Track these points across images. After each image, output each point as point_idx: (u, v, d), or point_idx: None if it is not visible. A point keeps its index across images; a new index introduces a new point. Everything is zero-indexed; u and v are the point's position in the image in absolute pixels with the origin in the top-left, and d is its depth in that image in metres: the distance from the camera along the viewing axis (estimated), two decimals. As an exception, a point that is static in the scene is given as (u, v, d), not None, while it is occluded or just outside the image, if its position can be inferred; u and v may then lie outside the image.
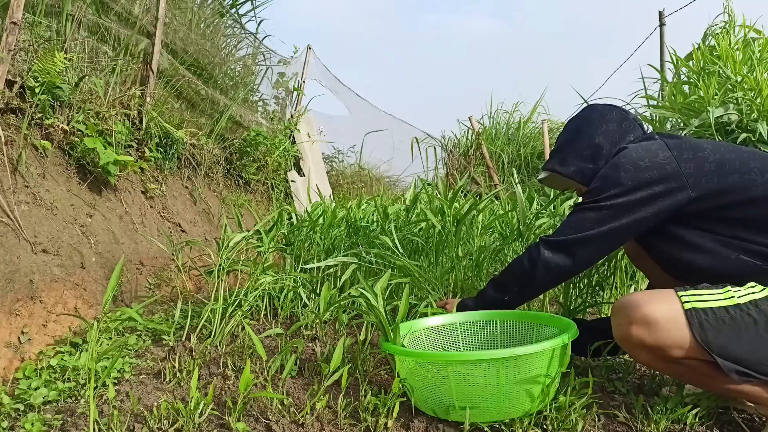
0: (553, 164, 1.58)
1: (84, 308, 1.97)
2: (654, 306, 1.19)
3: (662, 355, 1.20)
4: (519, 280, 1.49)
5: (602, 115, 1.54)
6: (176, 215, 3.03)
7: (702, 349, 1.16)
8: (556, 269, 1.40)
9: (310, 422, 1.29)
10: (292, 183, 4.88)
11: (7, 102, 2.03)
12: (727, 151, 1.30)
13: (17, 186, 1.91)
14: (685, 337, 1.16)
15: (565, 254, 1.39)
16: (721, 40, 3.57)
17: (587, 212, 1.37)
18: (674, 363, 1.22)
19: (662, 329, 1.17)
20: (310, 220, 2.66)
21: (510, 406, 1.24)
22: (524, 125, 8.05)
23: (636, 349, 1.23)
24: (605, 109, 1.57)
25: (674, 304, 1.19)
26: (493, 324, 1.63)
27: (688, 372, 1.23)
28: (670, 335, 1.17)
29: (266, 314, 2.27)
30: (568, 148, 1.56)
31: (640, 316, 1.19)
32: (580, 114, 1.62)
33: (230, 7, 4.94)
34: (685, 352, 1.18)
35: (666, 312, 1.18)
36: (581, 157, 1.51)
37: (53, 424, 1.28)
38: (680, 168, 1.28)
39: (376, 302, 1.44)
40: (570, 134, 1.59)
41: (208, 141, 3.70)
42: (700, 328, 1.15)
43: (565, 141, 1.59)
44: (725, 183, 1.25)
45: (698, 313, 1.16)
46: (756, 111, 3.09)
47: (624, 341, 1.25)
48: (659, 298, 1.22)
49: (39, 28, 2.45)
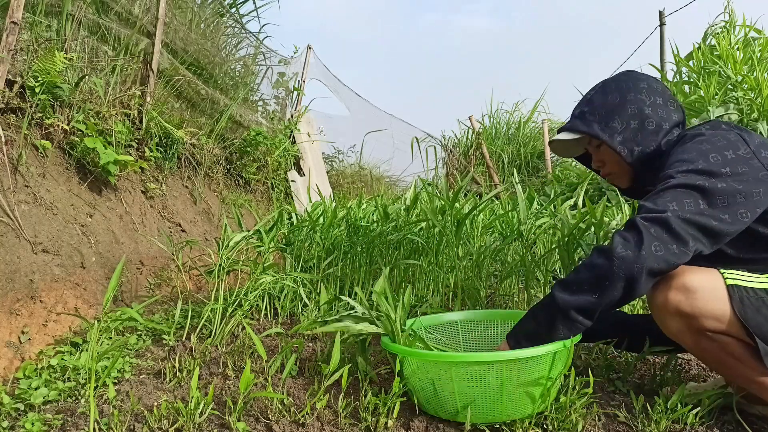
0: (590, 127, 1.37)
1: (84, 308, 1.97)
2: (696, 275, 1.18)
3: (695, 325, 1.17)
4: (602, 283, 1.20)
5: (650, 86, 1.37)
6: (176, 215, 3.03)
7: (740, 324, 1.14)
8: (663, 258, 1.13)
9: (310, 422, 1.29)
10: (293, 183, 4.88)
11: (7, 102, 2.03)
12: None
13: (17, 186, 1.91)
14: (723, 310, 1.15)
15: (670, 236, 1.14)
16: (722, 39, 3.58)
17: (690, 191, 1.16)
18: (705, 337, 1.18)
19: (701, 298, 1.15)
20: (311, 220, 2.66)
21: (513, 408, 1.24)
22: (524, 125, 8.06)
23: (670, 316, 1.19)
24: (651, 80, 1.40)
25: (716, 277, 1.18)
26: (493, 324, 1.63)
27: (717, 350, 1.19)
28: (707, 304, 1.15)
29: (266, 314, 2.27)
30: (611, 112, 1.36)
31: (681, 282, 1.17)
32: (621, 77, 1.41)
33: (230, 6, 4.93)
34: (721, 325, 1.15)
35: (707, 282, 1.17)
36: (628, 127, 1.34)
37: (53, 424, 1.28)
38: (763, 165, 1.19)
39: (393, 315, 1.42)
40: (611, 96, 1.38)
41: (209, 141, 3.70)
42: (740, 303, 1.14)
43: (606, 102, 1.38)
44: None
45: (740, 290, 1.15)
46: (756, 110, 3.09)
47: (660, 307, 1.20)
48: (701, 270, 1.20)
49: (39, 27, 2.45)
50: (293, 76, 5.67)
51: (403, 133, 7.29)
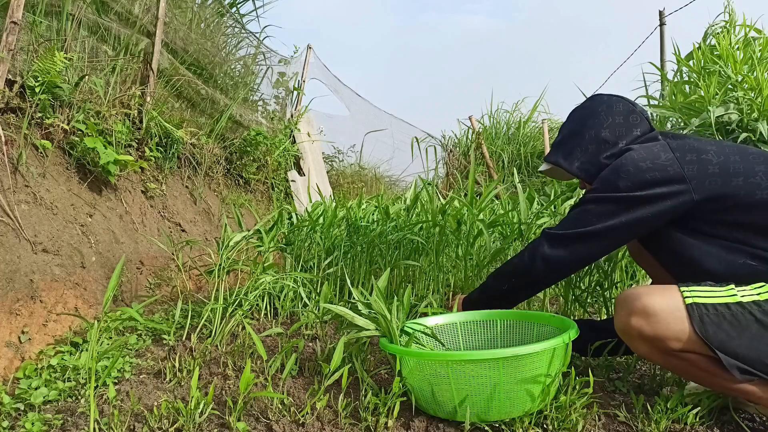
0: (556, 157, 1.53)
1: (84, 308, 1.97)
2: (654, 298, 1.20)
3: (661, 347, 1.20)
4: (518, 271, 1.48)
5: (609, 107, 1.48)
6: (176, 215, 3.03)
7: (702, 342, 1.15)
8: (554, 263, 1.40)
9: (310, 422, 1.29)
10: (293, 182, 4.88)
11: (7, 101, 2.03)
12: (732, 153, 1.27)
13: (17, 185, 1.91)
14: (684, 330, 1.17)
15: (564, 248, 1.38)
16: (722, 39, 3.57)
17: (589, 206, 1.36)
18: (673, 356, 1.22)
19: (661, 321, 1.18)
20: (311, 220, 2.66)
21: (511, 406, 1.24)
22: (524, 125, 8.06)
23: (635, 340, 1.23)
24: (612, 100, 1.51)
25: (675, 297, 1.19)
26: (493, 323, 1.63)
27: (687, 366, 1.22)
28: (668, 327, 1.17)
29: (266, 314, 2.27)
30: (572, 141, 1.51)
31: (641, 306, 1.19)
32: (585, 104, 1.56)
33: (230, 6, 4.93)
34: (684, 344, 1.18)
35: (666, 304, 1.19)
36: (585, 152, 1.47)
37: (53, 424, 1.28)
38: (683, 170, 1.26)
39: (389, 315, 1.42)
40: (575, 126, 1.53)
41: (209, 140, 3.70)
42: (701, 321, 1.15)
43: (569, 133, 1.53)
44: (729, 186, 1.23)
45: (699, 308, 1.17)
46: (756, 110, 3.09)
47: (624, 332, 1.25)
48: (660, 291, 1.22)
49: (39, 27, 2.45)
50: (293, 75, 5.67)
51: (403, 133, 7.29)
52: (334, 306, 1.53)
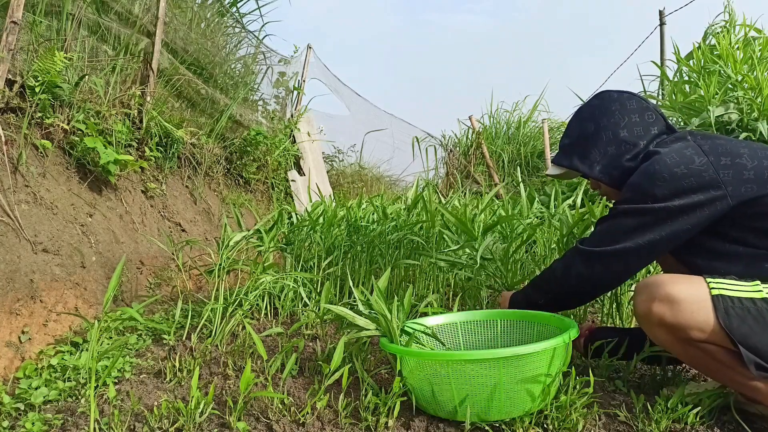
0: (571, 161, 1.44)
1: (84, 308, 1.97)
2: (680, 287, 1.18)
3: (681, 336, 1.18)
4: (552, 286, 1.43)
5: (622, 105, 1.40)
6: (176, 215, 3.03)
7: (724, 334, 1.14)
8: (590, 280, 1.34)
9: (310, 422, 1.29)
10: (293, 182, 4.88)
11: (7, 101, 2.03)
12: (765, 158, 1.23)
13: (17, 185, 1.91)
14: (708, 321, 1.15)
15: (600, 266, 1.32)
16: (722, 39, 3.57)
17: (624, 219, 1.28)
18: (692, 346, 1.20)
19: (685, 310, 1.16)
20: (311, 220, 2.66)
21: (511, 406, 1.24)
22: (524, 124, 8.05)
23: (654, 326, 1.21)
24: (623, 97, 1.42)
25: (701, 287, 1.18)
26: (493, 323, 1.63)
27: (705, 358, 1.20)
28: (692, 316, 1.16)
29: (267, 313, 2.27)
30: (586, 143, 1.42)
31: (664, 293, 1.18)
32: (594, 102, 1.46)
33: (230, 6, 4.93)
34: (706, 335, 1.16)
35: (691, 293, 1.17)
36: (605, 155, 1.38)
37: (54, 424, 1.28)
38: (718, 175, 1.21)
39: (389, 315, 1.42)
40: (586, 126, 1.43)
41: (209, 140, 3.70)
42: (726, 314, 1.14)
43: (581, 134, 1.44)
44: (764, 192, 1.19)
45: (725, 300, 1.15)
46: (756, 110, 3.09)
47: (644, 317, 1.22)
48: (686, 280, 1.20)
49: (39, 27, 2.45)
50: (293, 75, 5.67)
51: (403, 133, 7.29)
52: (335, 306, 1.53)
